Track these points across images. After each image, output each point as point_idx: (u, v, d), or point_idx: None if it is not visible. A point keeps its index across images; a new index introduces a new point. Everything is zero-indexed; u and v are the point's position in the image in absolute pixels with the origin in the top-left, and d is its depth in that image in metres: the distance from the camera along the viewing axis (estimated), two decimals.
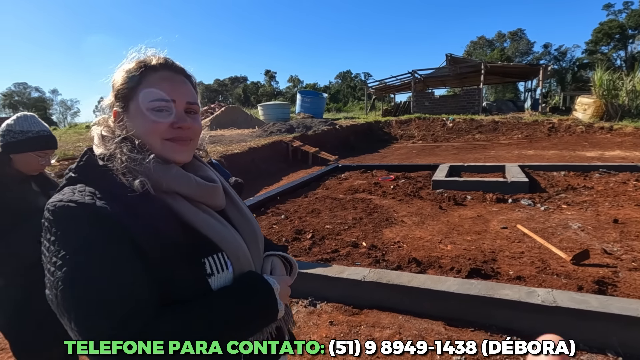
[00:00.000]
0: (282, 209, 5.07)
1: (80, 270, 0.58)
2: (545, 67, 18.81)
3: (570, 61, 49.23)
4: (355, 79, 68.83)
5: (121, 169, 0.66)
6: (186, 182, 0.71)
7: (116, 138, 0.70)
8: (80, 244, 0.59)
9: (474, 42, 54.88)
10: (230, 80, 71.54)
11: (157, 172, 0.68)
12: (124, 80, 0.72)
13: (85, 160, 0.70)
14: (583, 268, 2.88)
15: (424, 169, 7.37)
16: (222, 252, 0.70)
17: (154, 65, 0.72)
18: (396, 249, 3.49)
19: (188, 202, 0.71)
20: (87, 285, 0.57)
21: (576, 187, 5.34)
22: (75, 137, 11.21)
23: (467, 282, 2.45)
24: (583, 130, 12.54)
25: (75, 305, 0.57)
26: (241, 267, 0.73)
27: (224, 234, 0.72)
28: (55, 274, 0.59)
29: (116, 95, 0.73)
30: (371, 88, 25.27)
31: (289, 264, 0.90)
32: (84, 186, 0.66)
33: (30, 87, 63.84)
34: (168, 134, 0.70)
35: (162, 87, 0.70)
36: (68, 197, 0.63)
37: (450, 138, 14.23)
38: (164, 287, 0.63)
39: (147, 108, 0.69)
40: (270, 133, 12.66)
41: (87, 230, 0.60)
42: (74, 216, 0.61)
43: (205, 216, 0.72)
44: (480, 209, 4.67)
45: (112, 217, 0.62)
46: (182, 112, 0.72)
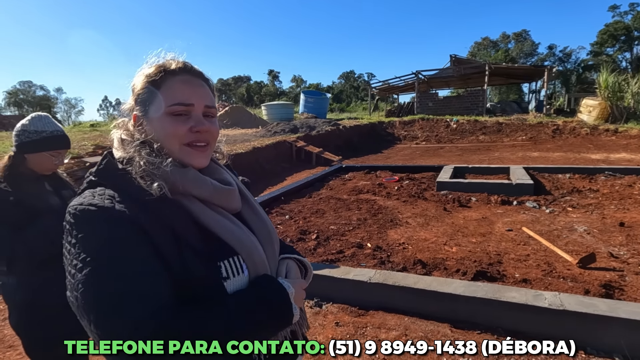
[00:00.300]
0: (287, 209, 5.08)
1: (99, 272, 0.59)
2: (550, 69, 18.74)
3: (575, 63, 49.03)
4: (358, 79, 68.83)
5: (139, 172, 0.67)
6: (203, 185, 0.72)
7: (135, 142, 0.71)
8: (100, 247, 0.60)
9: (478, 43, 54.70)
10: (234, 79, 71.69)
11: (175, 176, 0.69)
12: (143, 84, 0.72)
13: (105, 164, 0.71)
14: (589, 271, 2.87)
15: (428, 170, 7.36)
16: (238, 256, 0.71)
17: (173, 69, 0.72)
18: (401, 250, 3.49)
19: (205, 205, 0.72)
20: (106, 287, 0.58)
21: (581, 190, 5.32)
22: (79, 135, 11.26)
23: (473, 285, 2.44)
24: (588, 132, 12.48)
25: (94, 307, 0.58)
26: (257, 270, 0.73)
27: (240, 237, 0.73)
28: (75, 276, 0.60)
29: (136, 100, 0.74)
30: (374, 88, 25.25)
31: (304, 267, 0.91)
32: (104, 189, 0.67)
33: (35, 86, 64.30)
34: (187, 138, 0.71)
35: (181, 91, 0.71)
36: (88, 201, 0.64)
37: (454, 139, 14.19)
38: (181, 289, 0.64)
39: (167, 112, 0.70)
40: (274, 133, 12.67)
41: (106, 233, 0.61)
42: (94, 219, 0.62)
43: (222, 219, 0.73)
44: (485, 211, 4.66)
45: (131, 220, 0.63)
46: (200, 115, 0.73)
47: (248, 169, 8.26)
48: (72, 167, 5.82)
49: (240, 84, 70.02)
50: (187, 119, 0.71)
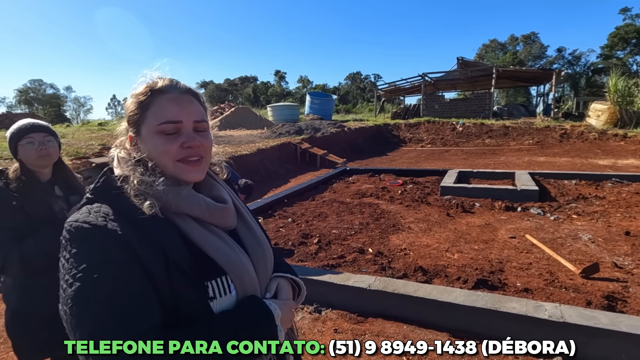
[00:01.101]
0: (289, 212, 5.09)
1: (87, 291, 0.60)
2: (558, 72, 18.57)
3: (584, 66, 48.40)
4: (364, 80, 68.71)
5: (133, 191, 0.69)
6: (195, 204, 0.73)
7: (131, 160, 0.72)
8: (90, 264, 0.62)
9: (486, 45, 54.30)
10: (241, 80, 71.98)
11: (167, 195, 0.70)
12: (134, 105, 0.74)
13: (102, 181, 0.73)
14: (592, 282, 2.84)
15: (432, 174, 7.33)
16: (226, 276, 0.71)
17: (160, 88, 0.73)
18: (402, 256, 3.48)
19: (197, 223, 0.73)
20: (92, 306, 0.60)
21: (587, 197, 5.26)
22: (87, 134, 11.39)
23: (473, 294, 2.43)
24: (596, 137, 12.34)
25: (79, 325, 0.59)
26: (245, 290, 0.74)
27: (230, 257, 0.73)
28: (66, 291, 0.61)
29: (128, 121, 0.76)
30: (381, 90, 25.21)
31: (297, 286, 0.91)
32: (100, 206, 0.69)
33: (45, 84, 65.07)
34: (179, 154, 0.72)
35: (169, 109, 0.72)
36: (83, 218, 0.66)
37: (459, 142, 14.12)
38: (168, 307, 0.65)
39: (156, 131, 0.72)
40: (279, 134, 12.71)
41: (97, 251, 0.63)
42: (86, 237, 0.64)
43: (213, 238, 0.73)
44: (489, 217, 4.63)
45: (122, 239, 0.64)
46: (190, 131, 0.73)
47: (253, 171, 8.30)
48: (79, 167, 5.90)
49: (247, 84, 70.29)
50: (177, 136, 0.72)
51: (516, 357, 1.96)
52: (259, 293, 0.78)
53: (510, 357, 1.96)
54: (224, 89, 68.95)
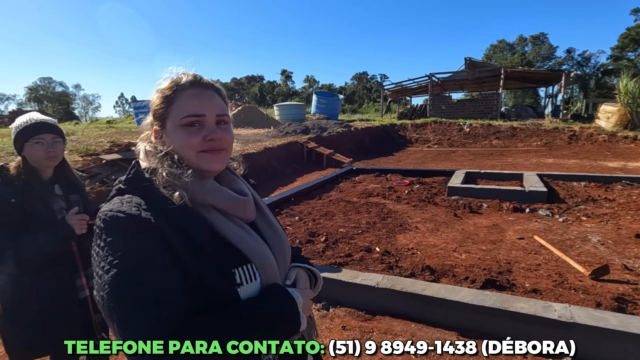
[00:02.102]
0: (296, 211, 5.11)
1: (124, 276, 0.63)
2: (567, 73, 18.36)
3: (594, 67, 47.84)
4: (371, 80, 68.55)
5: (162, 182, 0.72)
6: (219, 196, 0.76)
7: (158, 154, 0.75)
8: (126, 252, 0.65)
9: (494, 46, 53.89)
10: (247, 79, 72.22)
11: (194, 186, 0.73)
12: (159, 100, 0.77)
13: (133, 173, 0.76)
14: (602, 284, 2.82)
15: (439, 174, 7.30)
16: (251, 264, 0.74)
17: (184, 83, 0.77)
18: (410, 255, 3.49)
19: (221, 214, 0.76)
20: (130, 290, 0.63)
21: (597, 199, 5.21)
22: (96, 132, 11.53)
23: (481, 293, 2.43)
24: (606, 139, 12.19)
25: (117, 309, 0.62)
26: (268, 278, 0.77)
27: (254, 246, 0.76)
28: (102, 278, 0.64)
29: (154, 115, 0.79)
30: (387, 90, 25.15)
31: (314, 276, 0.93)
32: (132, 197, 0.72)
33: (55, 82, 65.90)
34: (201, 146, 0.75)
35: (193, 103, 0.75)
36: (117, 208, 0.69)
37: (466, 143, 14.04)
38: (197, 294, 0.68)
39: (180, 124, 0.75)
40: (285, 133, 12.74)
41: (133, 239, 0.66)
42: (122, 225, 0.67)
43: (237, 228, 0.76)
44: (497, 218, 4.61)
45: (155, 228, 0.67)
46: (213, 124, 0.76)
47: (259, 169, 8.34)
48: (89, 164, 5.98)
49: (254, 83, 70.52)
50: (200, 128, 0.75)
51: (524, 357, 1.96)
52: (280, 281, 0.80)
53: (517, 357, 1.96)
54: (230, 88, 69.20)
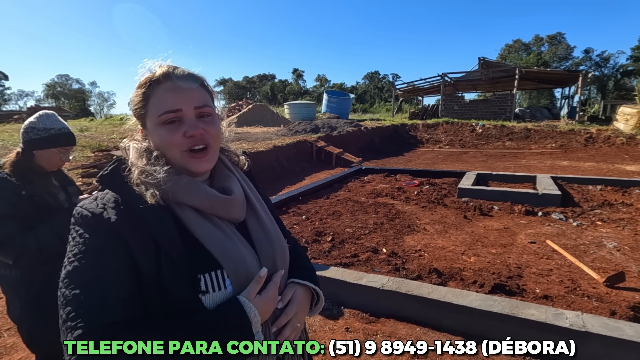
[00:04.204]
0: (304, 209, 5.09)
1: (72, 275, 0.62)
2: (585, 74, 17.92)
3: (613, 68, 46.53)
4: (382, 80, 68.18)
5: (135, 180, 0.69)
6: (195, 194, 0.70)
7: (139, 150, 0.73)
8: (79, 251, 0.64)
9: (509, 46, 52.94)
10: (259, 77, 72.58)
11: (166, 183, 0.68)
12: (137, 98, 0.73)
13: (110, 170, 0.73)
14: (617, 291, 2.72)
15: (449, 175, 7.19)
16: (221, 270, 0.68)
17: (157, 77, 0.71)
18: (417, 257, 3.43)
19: (198, 214, 0.70)
20: (73, 290, 0.61)
21: (613, 203, 5.05)
22: (109, 128, 11.71)
23: (490, 298, 2.36)
24: (624, 141, 11.85)
25: (62, 305, 0.61)
26: (243, 287, 0.69)
27: (227, 249, 0.69)
28: (62, 271, 0.64)
29: (134, 116, 0.76)
30: (399, 90, 24.95)
31: (315, 294, 0.86)
32: (105, 194, 0.70)
33: (72, 79, 67.33)
34: (183, 144, 0.70)
35: (168, 98, 0.70)
36: (87, 205, 0.68)
37: (478, 144, 13.82)
38: (154, 299, 0.64)
39: (158, 123, 0.70)
40: (295, 132, 12.74)
41: (91, 239, 0.64)
42: (84, 224, 0.66)
43: (212, 230, 0.70)
44: (508, 221, 4.50)
45: (116, 227, 0.64)
46: (192, 119, 0.71)
47: (268, 168, 8.35)
48: (101, 159, 6.06)
49: (265, 82, 70.82)
50: (179, 125, 0.70)
51: (524, 357, 1.90)
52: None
53: (517, 357, 1.90)
54: (242, 86, 69.68)
